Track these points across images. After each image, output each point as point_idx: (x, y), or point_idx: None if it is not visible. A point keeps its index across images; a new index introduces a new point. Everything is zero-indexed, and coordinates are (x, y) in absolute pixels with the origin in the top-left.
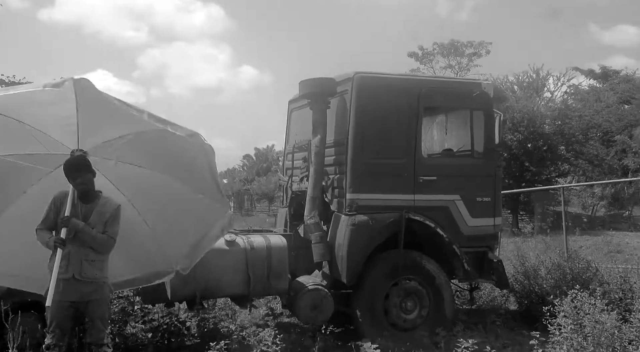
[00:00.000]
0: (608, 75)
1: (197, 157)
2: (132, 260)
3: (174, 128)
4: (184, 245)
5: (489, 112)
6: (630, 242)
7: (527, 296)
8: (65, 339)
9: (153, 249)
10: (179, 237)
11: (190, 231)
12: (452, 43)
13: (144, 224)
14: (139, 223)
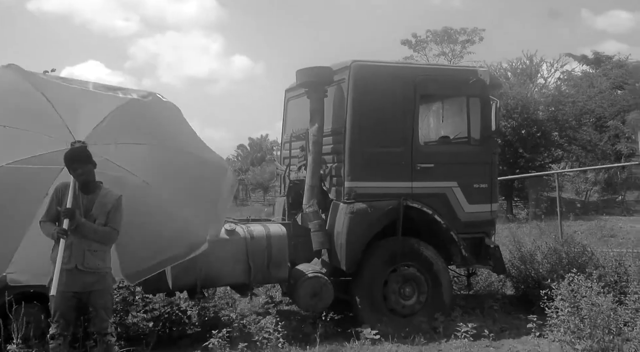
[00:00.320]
0: (601, 60)
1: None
2: (162, 239)
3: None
4: (207, 210)
5: (485, 99)
6: (623, 226)
7: (524, 280)
8: (70, 329)
9: (181, 223)
10: (201, 204)
11: (208, 194)
12: (446, 30)
13: (165, 200)
14: (161, 200)
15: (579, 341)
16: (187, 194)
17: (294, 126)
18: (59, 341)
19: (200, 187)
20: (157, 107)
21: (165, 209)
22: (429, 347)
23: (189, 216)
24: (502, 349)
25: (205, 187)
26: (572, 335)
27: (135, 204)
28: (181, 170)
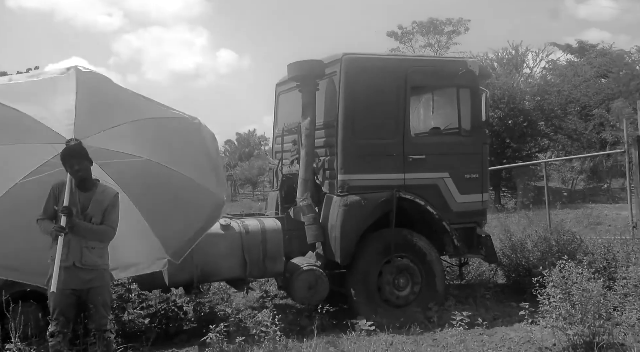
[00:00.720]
0: (585, 49)
1: (196, 143)
2: (123, 248)
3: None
4: (176, 234)
5: (475, 90)
6: (609, 214)
7: (515, 269)
8: (69, 326)
9: (146, 238)
10: (172, 226)
11: (183, 220)
12: (431, 21)
13: (137, 213)
14: (132, 212)
15: (570, 327)
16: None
17: (285, 120)
18: (58, 339)
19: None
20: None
21: (176, 179)
22: (423, 337)
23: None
24: (495, 337)
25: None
26: (564, 321)
27: (150, 183)
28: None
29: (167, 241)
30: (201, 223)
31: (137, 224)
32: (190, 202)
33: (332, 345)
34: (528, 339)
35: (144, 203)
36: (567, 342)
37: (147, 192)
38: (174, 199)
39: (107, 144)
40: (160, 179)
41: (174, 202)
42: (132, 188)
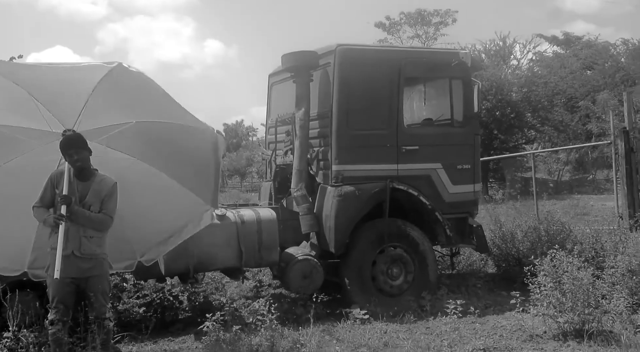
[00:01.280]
0: (571, 41)
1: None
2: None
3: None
4: (153, 237)
5: (467, 81)
6: (594, 204)
7: (505, 259)
8: (69, 314)
9: (181, 194)
10: (150, 228)
11: (162, 224)
12: (419, 12)
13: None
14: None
15: (560, 314)
16: (181, 165)
17: (278, 111)
18: (58, 327)
19: (192, 156)
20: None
21: (163, 183)
22: (417, 325)
23: (187, 185)
24: (487, 325)
25: (196, 155)
26: (555, 309)
27: (135, 185)
28: (171, 141)
29: (139, 243)
30: (179, 229)
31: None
32: (171, 207)
33: (328, 333)
34: (519, 326)
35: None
36: (558, 329)
37: (157, 152)
38: (153, 201)
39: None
40: (143, 180)
41: (153, 205)
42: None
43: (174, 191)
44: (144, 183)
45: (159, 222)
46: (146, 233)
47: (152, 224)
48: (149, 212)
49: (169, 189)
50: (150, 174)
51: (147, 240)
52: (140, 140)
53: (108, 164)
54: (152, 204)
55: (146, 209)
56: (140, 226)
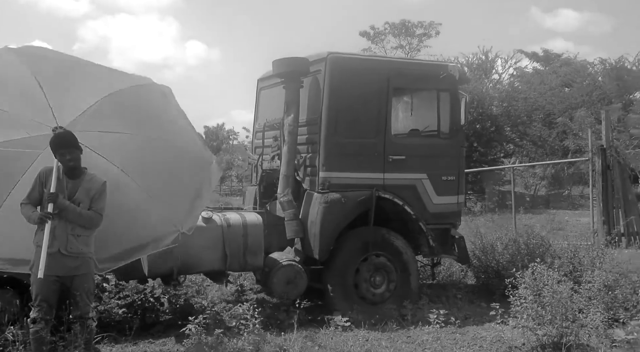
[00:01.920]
0: (550, 58)
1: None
2: (134, 228)
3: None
4: (183, 203)
5: (454, 94)
6: (569, 220)
7: (484, 270)
8: (52, 313)
9: (155, 214)
10: (178, 196)
11: (186, 188)
12: (403, 23)
13: (140, 191)
14: (135, 190)
15: (539, 327)
16: (164, 186)
17: (266, 116)
18: (40, 325)
19: (179, 181)
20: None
21: (140, 199)
22: (398, 334)
23: (163, 207)
24: (467, 336)
25: (184, 181)
26: (534, 321)
27: (110, 193)
28: (161, 161)
29: (176, 212)
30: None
31: (142, 201)
32: (186, 168)
33: (310, 339)
34: (499, 338)
35: (145, 178)
36: (536, 342)
37: (144, 167)
38: (170, 169)
39: (91, 126)
40: (152, 151)
41: (172, 173)
42: (130, 166)
43: (146, 206)
44: (148, 153)
45: (124, 234)
46: (109, 242)
47: (117, 234)
48: (168, 179)
49: (142, 203)
50: (126, 187)
51: (108, 249)
52: (128, 152)
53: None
54: (166, 170)
55: (164, 178)
56: (106, 233)
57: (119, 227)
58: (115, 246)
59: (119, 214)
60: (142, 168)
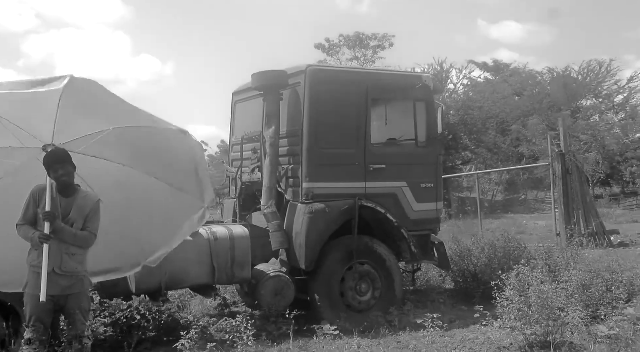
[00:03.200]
0: (499, 68)
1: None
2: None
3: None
4: (153, 239)
5: (430, 103)
6: (527, 223)
7: (462, 274)
8: (47, 333)
9: (120, 243)
10: (149, 232)
11: (161, 226)
12: (357, 35)
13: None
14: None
15: (527, 327)
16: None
17: (242, 128)
18: (34, 346)
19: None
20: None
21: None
22: (387, 340)
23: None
24: (455, 338)
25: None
26: (521, 321)
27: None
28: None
29: (144, 246)
30: (180, 229)
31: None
32: (169, 208)
33: (303, 349)
34: (486, 339)
35: (120, 210)
36: (524, 341)
37: (124, 199)
38: (151, 205)
39: (85, 150)
40: (138, 185)
41: (152, 209)
42: (109, 194)
43: (164, 192)
44: (136, 187)
45: (158, 223)
46: (148, 235)
47: (152, 226)
48: (147, 214)
49: (160, 191)
50: (139, 179)
51: (151, 242)
52: (122, 146)
53: (98, 173)
54: (148, 206)
55: (143, 212)
56: (141, 229)
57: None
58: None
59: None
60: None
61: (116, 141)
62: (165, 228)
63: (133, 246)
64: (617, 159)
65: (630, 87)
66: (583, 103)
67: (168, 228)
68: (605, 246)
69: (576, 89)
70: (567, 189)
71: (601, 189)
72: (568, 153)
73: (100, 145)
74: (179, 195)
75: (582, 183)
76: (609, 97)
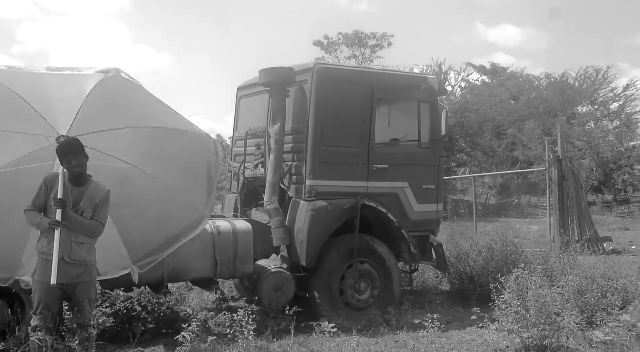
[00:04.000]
0: (497, 71)
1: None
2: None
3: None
4: (201, 187)
5: (434, 105)
6: (520, 227)
7: (458, 276)
8: (54, 320)
9: (179, 203)
10: (145, 235)
11: (157, 231)
12: (356, 33)
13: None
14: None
15: (524, 330)
16: (176, 171)
17: (246, 124)
18: (41, 333)
19: (188, 162)
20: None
21: (159, 190)
22: (385, 339)
23: (184, 192)
24: (452, 339)
25: (192, 161)
26: (518, 324)
27: (131, 192)
28: (166, 147)
29: (134, 249)
30: (174, 235)
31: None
32: (165, 214)
33: (302, 345)
34: (483, 341)
35: (159, 171)
36: (520, 344)
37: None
38: (148, 207)
39: (90, 127)
40: (138, 186)
41: (148, 211)
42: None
43: (168, 197)
44: (139, 189)
45: (153, 228)
46: (142, 239)
47: (147, 230)
48: (144, 218)
49: (164, 195)
50: (145, 181)
51: (142, 246)
52: (134, 147)
53: (104, 169)
54: (147, 210)
55: (141, 216)
56: (135, 232)
57: (148, 223)
58: (148, 242)
59: (143, 208)
60: (152, 159)
61: (129, 141)
62: (161, 234)
63: (123, 248)
64: (610, 167)
65: (626, 95)
66: (579, 109)
67: (164, 234)
68: (602, 252)
69: (572, 95)
70: (562, 195)
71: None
72: (565, 159)
73: (113, 143)
74: (182, 202)
75: (577, 189)
76: (604, 105)
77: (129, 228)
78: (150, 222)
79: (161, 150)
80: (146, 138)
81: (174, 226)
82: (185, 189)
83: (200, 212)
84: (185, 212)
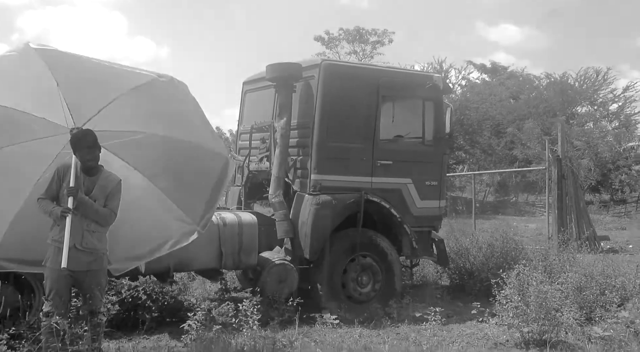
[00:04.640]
0: (497, 70)
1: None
2: (151, 228)
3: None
4: (200, 202)
5: (438, 103)
6: (518, 225)
7: (458, 272)
8: (66, 307)
9: (172, 214)
10: (193, 194)
11: (201, 186)
12: (357, 30)
13: (156, 191)
14: (149, 188)
15: (524, 325)
16: (177, 181)
17: (251, 118)
18: (53, 319)
19: (195, 179)
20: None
21: (156, 199)
22: (387, 331)
23: (178, 202)
24: (452, 333)
25: (199, 179)
26: (519, 319)
27: (125, 194)
28: (177, 160)
29: (191, 211)
30: (215, 183)
31: (157, 201)
32: (201, 166)
33: (306, 336)
34: (483, 335)
35: (160, 178)
36: (520, 338)
37: (159, 167)
38: (185, 167)
39: (107, 125)
40: (167, 150)
41: (187, 171)
42: (145, 165)
43: (162, 205)
44: (134, 193)
45: (195, 184)
46: (123, 243)
47: (191, 188)
48: (185, 176)
49: (158, 202)
50: (142, 186)
51: (122, 250)
52: (145, 153)
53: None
54: (137, 216)
55: (181, 175)
56: (119, 235)
57: (135, 227)
58: (131, 246)
59: (134, 213)
60: (157, 168)
61: (128, 110)
62: (202, 188)
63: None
64: (608, 167)
65: (625, 96)
66: (578, 110)
67: (205, 187)
68: (600, 251)
69: (572, 95)
70: (562, 194)
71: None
72: (565, 158)
73: (116, 117)
74: (175, 212)
75: (576, 188)
76: (604, 105)
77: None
78: (192, 179)
79: (170, 161)
80: (158, 146)
81: (161, 235)
82: (181, 199)
83: (191, 225)
84: (176, 223)
